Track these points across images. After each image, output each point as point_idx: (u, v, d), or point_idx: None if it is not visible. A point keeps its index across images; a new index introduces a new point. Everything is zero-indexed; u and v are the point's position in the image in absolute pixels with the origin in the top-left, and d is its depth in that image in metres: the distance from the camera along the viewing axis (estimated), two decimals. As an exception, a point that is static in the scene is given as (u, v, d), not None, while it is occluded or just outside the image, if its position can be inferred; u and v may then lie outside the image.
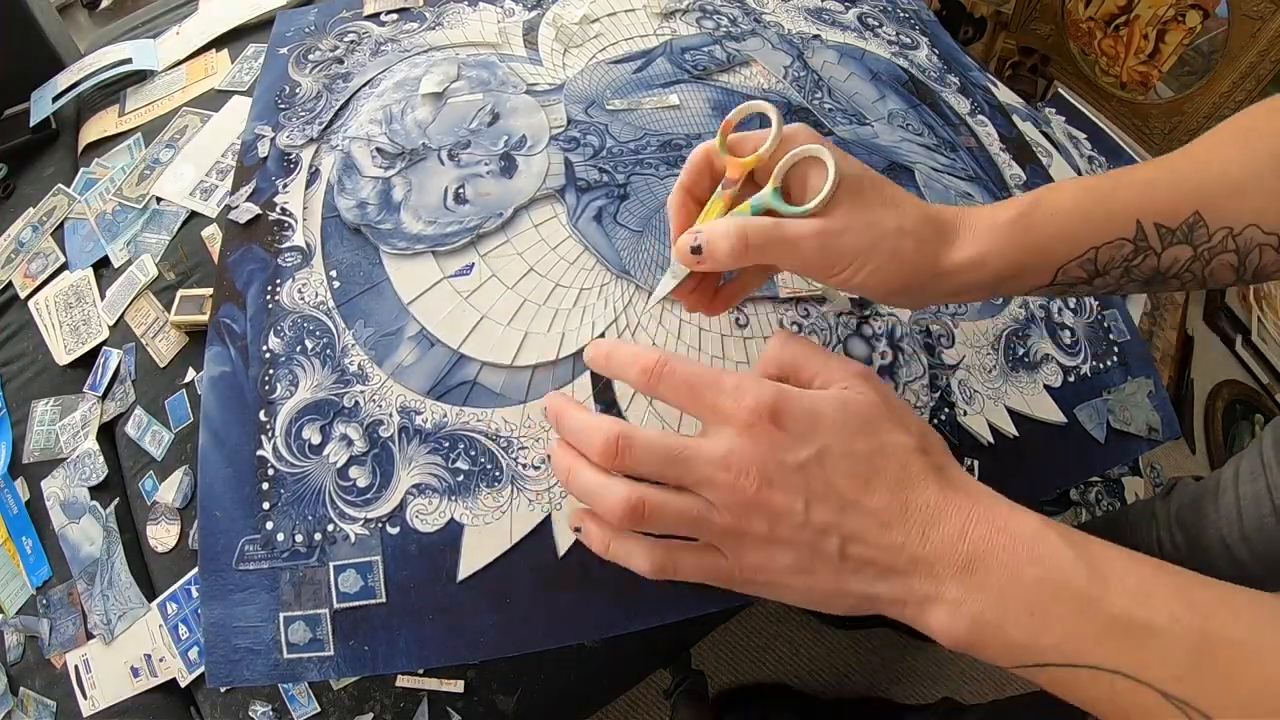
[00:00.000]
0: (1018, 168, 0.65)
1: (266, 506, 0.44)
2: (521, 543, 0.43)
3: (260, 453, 0.45)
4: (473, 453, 0.45)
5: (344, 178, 0.56)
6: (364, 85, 0.62)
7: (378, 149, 0.57)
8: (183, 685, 0.52)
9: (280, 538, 0.43)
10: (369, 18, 0.69)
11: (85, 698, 0.53)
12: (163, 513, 0.56)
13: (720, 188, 0.37)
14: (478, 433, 0.45)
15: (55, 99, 0.80)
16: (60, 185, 0.74)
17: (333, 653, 0.41)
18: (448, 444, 0.45)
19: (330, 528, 0.43)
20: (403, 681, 0.53)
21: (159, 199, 0.67)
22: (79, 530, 0.58)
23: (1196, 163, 0.36)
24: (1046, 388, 0.53)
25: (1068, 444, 0.52)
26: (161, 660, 0.52)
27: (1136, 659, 0.24)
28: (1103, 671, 0.25)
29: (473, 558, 0.42)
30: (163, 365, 0.61)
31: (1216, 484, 0.59)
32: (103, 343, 0.64)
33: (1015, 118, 0.71)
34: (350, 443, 0.45)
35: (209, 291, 0.59)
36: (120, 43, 0.84)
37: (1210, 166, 0.35)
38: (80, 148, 0.78)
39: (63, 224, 0.72)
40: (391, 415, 0.46)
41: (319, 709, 0.51)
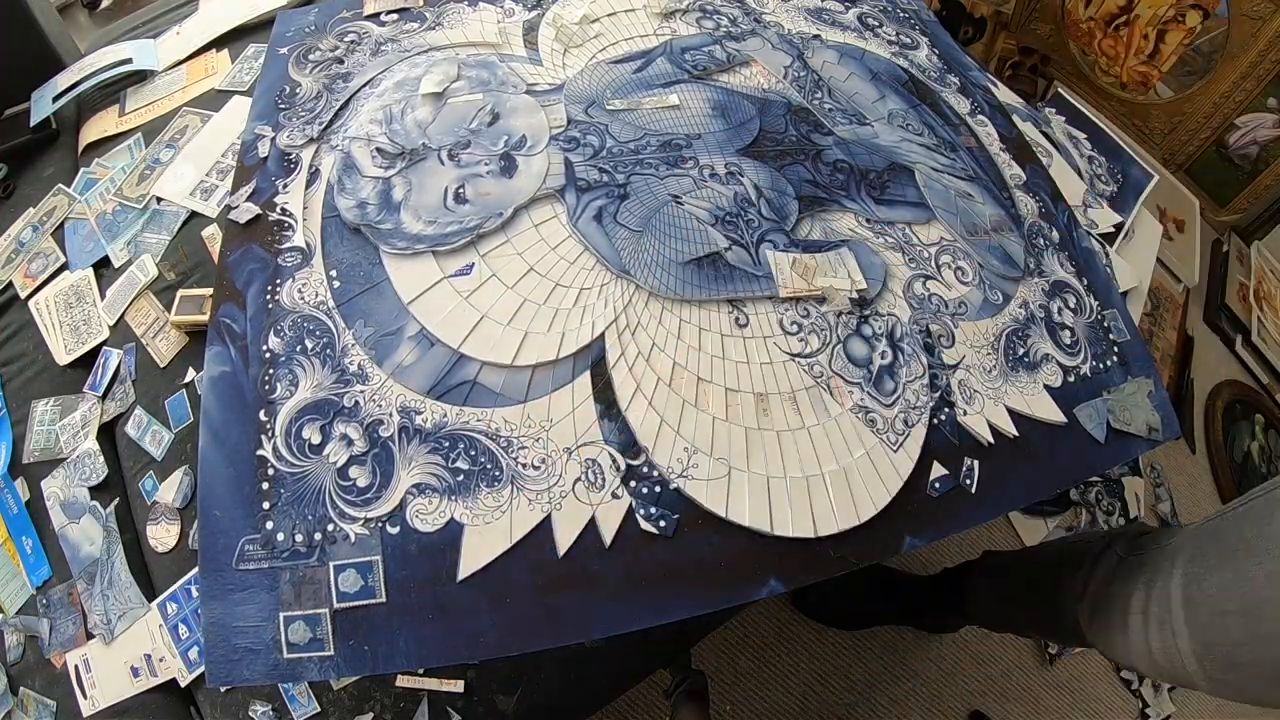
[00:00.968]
0: (1018, 168, 0.65)
1: (266, 506, 0.44)
2: (521, 543, 0.43)
3: (260, 452, 0.45)
4: (473, 452, 0.45)
5: (344, 178, 0.56)
6: (364, 85, 0.62)
7: (378, 149, 0.57)
8: (183, 685, 0.52)
9: (280, 537, 0.43)
10: (369, 18, 0.69)
11: (85, 697, 0.53)
12: (163, 513, 0.56)
13: None
14: (478, 432, 0.45)
15: (55, 99, 0.80)
16: (60, 185, 0.74)
17: (333, 652, 0.41)
18: (448, 444, 0.45)
19: (330, 527, 0.43)
20: (403, 681, 0.53)
21: (159, 199, 0.67)
22: (79, 530, 0.58)
23: None
24: (1046, 388, 0.53)
25: (1068, 444, 0.52)
26: (161, 660, 0.52)
27: None
28: None
29: (473, 557, 0.42)
30: (163, 365, 0.61)
31: (1125, 620, 0.54)
32: (103, 343, 0.64)
33: (1015, 118, 0.71)
34: (350, 442, 0.45)
35: (209, 291, 0.59)
36: (120, 43, 0.84)
37: None
38: (80, 148, 0.78)
39: (63, 224, 0.72)
40: (391, 415, 0.46)
41: (319, 709, 0.51)
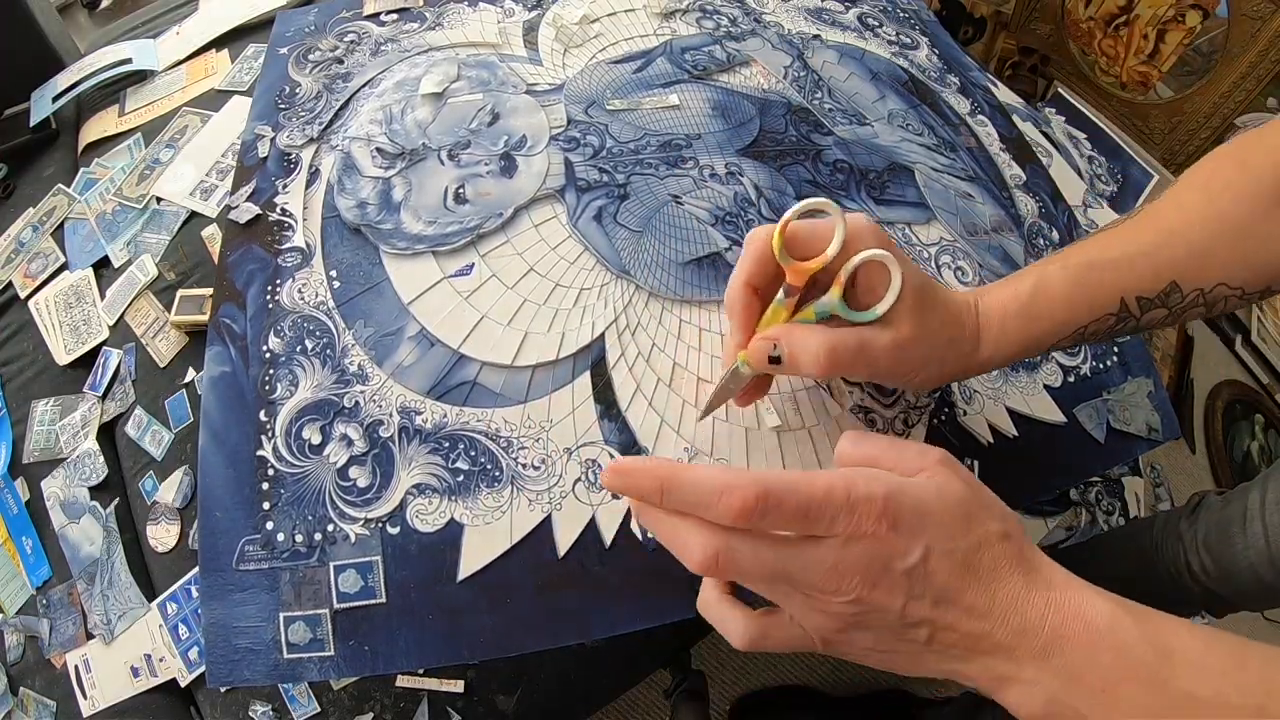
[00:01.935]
0: (1018, 168, 0.65)
1: (267, 506, 0.44)
2: (521, 543, 0.43)
3: (260, 453, 0.45)
4: (473, 453, 0.45)
5: (344, 178, 0.56)
6: (364, 85, 0.62)
7: (378, 149, 0.57)
8: (183, 685, 0.52)
9: (280, 538, 0.43)
10: (369, 18, 0.69)
11: (85, 698, 0.53)
12: (163, 513, 0.56)
13: (782, 294, 0.38)
14: (478, 433, 0.45)
15: (55, 99, 0.80)
16: (60, 185, 0.74)
17: (333, 653, 0.41)
18: (448, 444, 0.45)
19: (330, 528, 0.43)
20: (403, 681, 0.53)
21: (159, 199, 0.67)
22: (79, 530, 0.58)
23: (1169, 233, 0.39)
24: (1046, 388, 0.53)
25: (1068, 444, 0.52)
26: (161, 660, 0.52)
27: None
28: None
29: (473, 558, 0.42)
30: (163, 365, 0.61)
31: (1244, 510, 0.59)
32: (103, 343, 0.64)
33: (1015, 118, 0.71)
34: (350, 443, 0.45)
35: (209, 291, 0.59)
36: (120, 43, 0.84)
37: (1180, 236, 0.38)
38: (80, 148, 0.78)
39: (63, 224, 0.72)
40: (391, 415, 0.46)
41: (319, 709, 0.51)
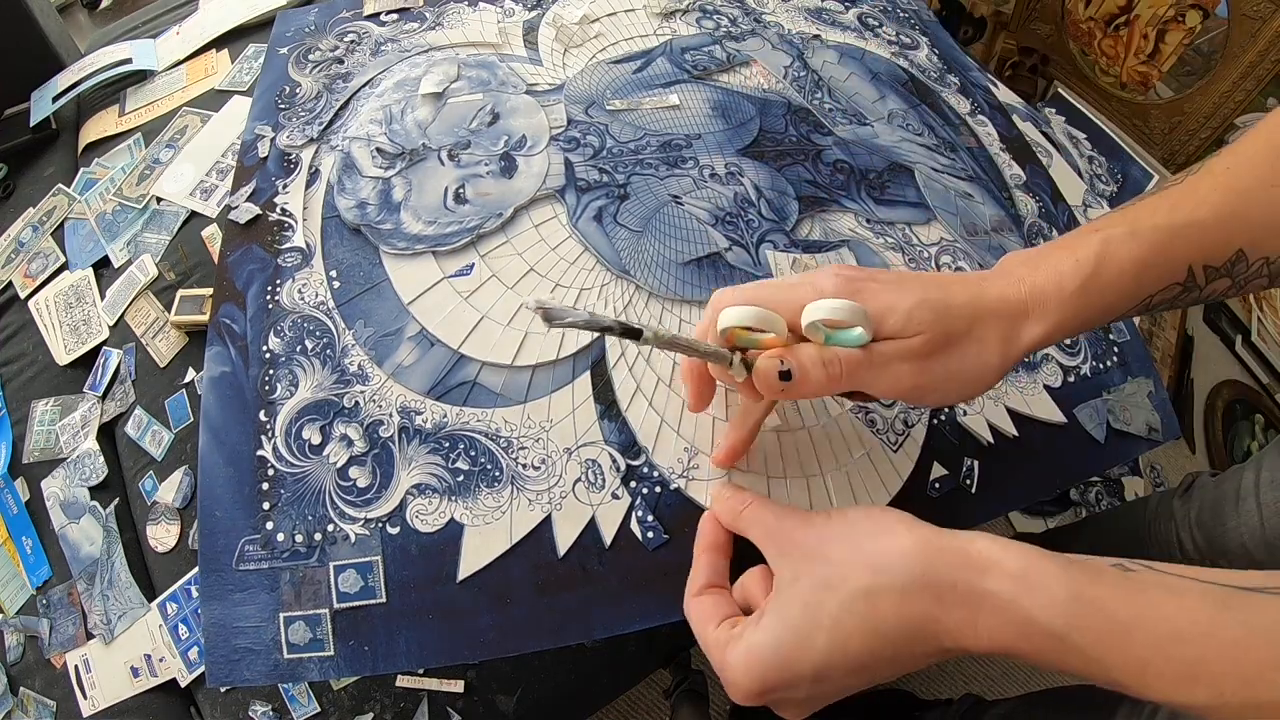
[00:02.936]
0: (1018, 168, 0.65)
1: (266, 506, 0.44)
2: (521, 543, 0.43)
3: (260, 453, 0.45)
4: (473, 453, 0.45)
5: (344, 178, 0.56)
6: (364, 85, 0.62)
7: (378, 149, 0.57)
8: (183, 685, 0.52)
9: (280, 538, 0.43)
10: (369, 18, 0.69)
11: (85, 698, 0.53)
12: (163, 513, 0.56)
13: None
14: (478, 433, 0.45)
15: (55, 99, 0.80)
16: (60, 185, 0.74)
17: (333, 653, 0.41)
18: (448, 444, 0.45)
19: (330, 528, 0.43)
20: (403, 681, 0.53)
21: (159, 199, 0.67)
22: (79, 530, 0.58)
23: (1242, 195, 0.36)
24: (1046, 388, 0.53)
25: (1068, 444, 0.52)
26: (161, 660, 0.52)
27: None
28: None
29: (473, 558, 0.42)
30: (163, 365, 0.61)
31: (1237, 489, 0.59)
32: (103, 343, 0.64)
33: (1015, 118, 0.71)
34: (350, 443, 0.45)
35: (209, 291, 0.59)
36: (120, 43, 0.84)
37: (1252, 198, 0.35)
38: (80, 148, 0.78)
39: (63, 224, 0.72)
40: (391, 415, 0.46)
41: (319, 709, 0.51)
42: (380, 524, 0.43)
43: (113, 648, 0.54)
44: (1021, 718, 0.57)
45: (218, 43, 0.80)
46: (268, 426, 0.46)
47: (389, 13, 0.69)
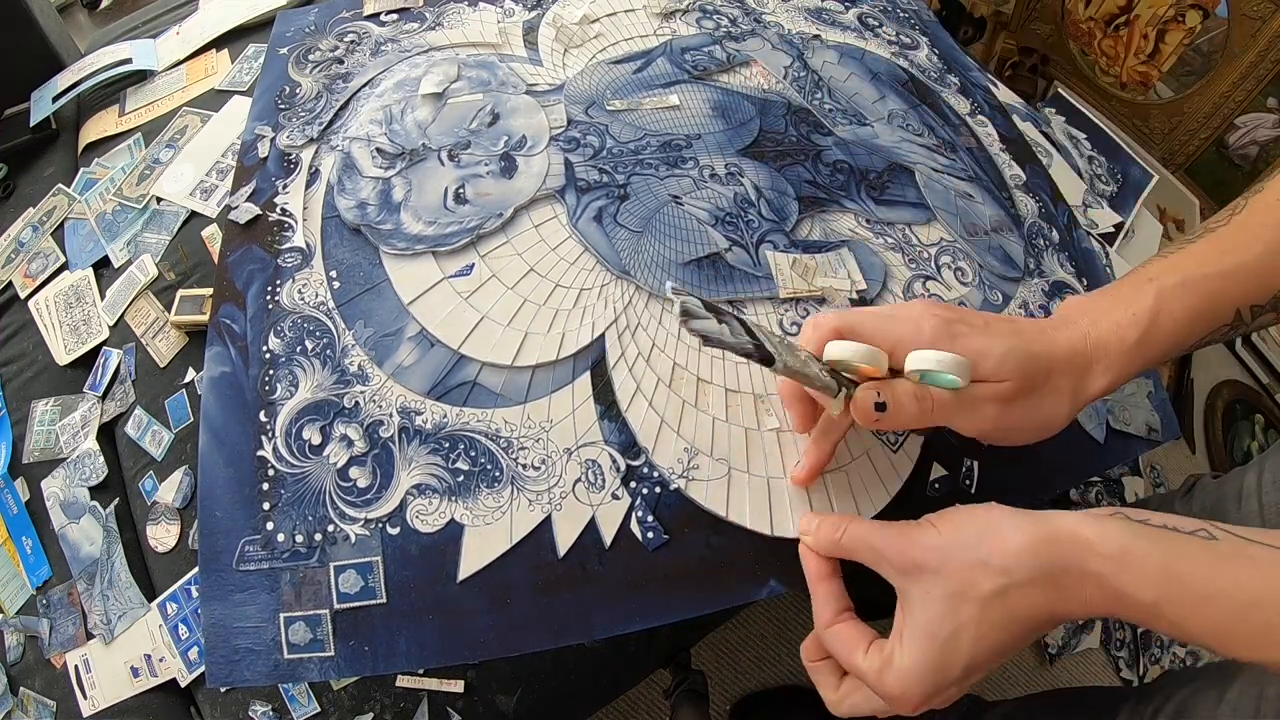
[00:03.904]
0: (1018, 168, 0.65)
1: (267, 507, 0.44)
2: (521, 543, 0.43)
3: (260, 453, 0.45)
4: (473, 453, 0.45)
5: (344, 178, 0.56)
6: (364, 85, 0.62)
7: (378, 149, 0.57)
8: (183, 685, 0.52)
9: (280, 538, 0.43)
10: (369, 18, 0.69)
11: (85, 698, 0.53)
12: (163, 513, 0.56)
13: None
14: (478, 433, 0.45)
15: (55, 99, 0.80)
16: (60, 185, 0.74)
17: (333, 653, 0.41)
18: (448, 444, 0.45)
19: (330, 528, 0.43)
20: (403, 681, 0.53)
21: (159, 199, 0.67)
22: (79, 530, 0.58)
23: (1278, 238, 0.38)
24: (1046, 388, 0.53)
25: (1068, 444, 0.52)
26: (161, 660, 0.52)
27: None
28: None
29: (473, 558, 0.42)
30: (163, 365, 0.61)
31: (1239, 489, 0.58)
32: (103, 343, 0.64)
33: (1015, 118, 0.71)
34: (350, 443, 0.45)
35: (209, 291, 0.59)
36: (120, 43, 0.84)
37: None
38: (80, 148, 0.78)
39: (63, 224, 0.72)
40: (391, 416, 0.46)
41: (319, 709, 0.51)
42: (380, 524, 0.43)
43: (113, 648, 0.54)
44: (1022, 719, 0.57)
45: (218, 43, 0.80)
46: (268, 427, 0.46)
47: (389, 13, 0.69)
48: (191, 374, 0.59)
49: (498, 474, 0.44)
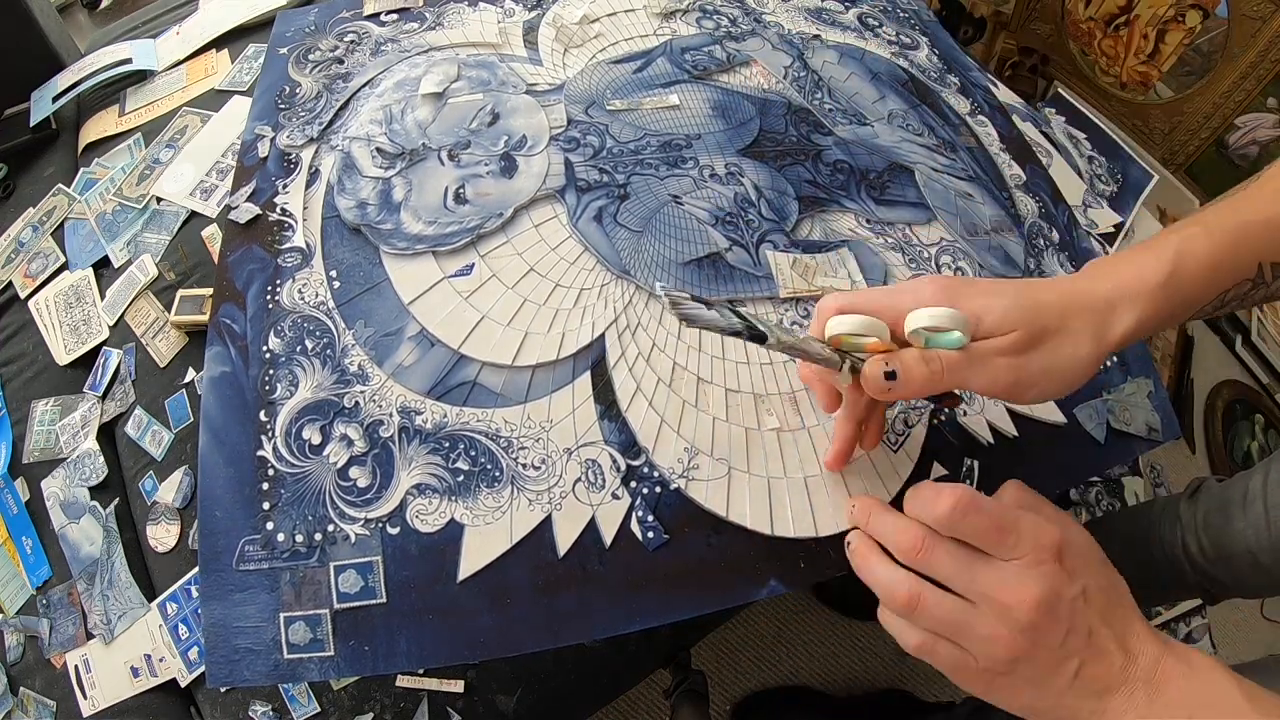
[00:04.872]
0: (1017, 168, 0.65)
1: (267, 507, 0.44)
2: (521, 543, 0.43)
3: (260, 453, 0.45)
4: (473, 453, 0.45)
5: (344, 178, 0.56)
6: (364, 85, 0.62)
7: (378, 149, 0.57)
8: (183, 685, 0.52)
9: (280, 538, 0.43)
10: (369, 18, 0.69)
11: (85, 698, 0.53)
12: (163, 513, 0.56)
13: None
14: (478, 433, 0.45)
15: (55, 99, 0.80)
16: (60, 185, 0.74)
17: (333, 653, 0.41)
18: (448, 444, 0.45)
19: (330, 528, 0.43)
20: (403, 681, 0.53)
21: (159, 199, 0.67)
22: (79, 530, 0.58)
23: None
24: (1046, 388, 0.53)
25: (1068, 444, 0.52)
26: (161, 660, 0.52)
27: None
28: None
29: (473, 558, 0.42)
30: (163, 365, 0.61)
31: (1245, 492, 0.59)
32: (103, 343, 0.64)
33: (1015, 118, 0.71)
34: (350, 443, 0.45)
35: (209, 291, 0.59)
36: (120, 43, 0.84)
37: None
38: (80, 148, 0.78)
39: (63, 224, 0.72)
40: (391, 415, 0.46)
41: (319, 709, 0.51)
42: (380, 524, 0.43)
43: (113, 648, 0.54)
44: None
45: (218, 43, 0.80)
46: (268, 426, 0.46)
47: (389, 13, 0.69)
48: (191, 374, 0.59)
49: (498, 474, 0.44)
